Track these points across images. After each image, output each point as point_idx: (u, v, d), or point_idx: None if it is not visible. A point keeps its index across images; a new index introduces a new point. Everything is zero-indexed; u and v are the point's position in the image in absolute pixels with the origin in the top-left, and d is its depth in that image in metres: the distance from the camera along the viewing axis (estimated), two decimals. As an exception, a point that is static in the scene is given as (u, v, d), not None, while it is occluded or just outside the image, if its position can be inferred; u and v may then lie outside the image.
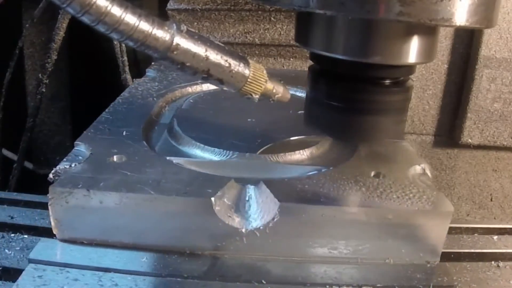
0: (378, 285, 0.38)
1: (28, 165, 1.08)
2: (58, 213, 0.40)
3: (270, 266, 0.40)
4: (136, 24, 0.36)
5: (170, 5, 0.81)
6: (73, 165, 0.44)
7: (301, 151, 0.50)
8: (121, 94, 0.64)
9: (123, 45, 0.91)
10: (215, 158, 0.49)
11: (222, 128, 0.56)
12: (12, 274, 0.42)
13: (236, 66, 0.42)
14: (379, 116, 0.52)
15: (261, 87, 0.44)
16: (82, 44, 1.01)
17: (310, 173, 0.47)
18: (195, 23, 0.81)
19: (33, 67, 1.05)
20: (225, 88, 0.43)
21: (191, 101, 0.63)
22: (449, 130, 0.89)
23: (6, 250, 0.46)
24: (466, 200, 0.93)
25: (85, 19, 0.35)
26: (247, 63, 0.42)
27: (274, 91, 0.45)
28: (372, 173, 0.45)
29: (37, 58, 1.04)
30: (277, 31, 0.80)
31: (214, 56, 0.40)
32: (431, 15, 0.39)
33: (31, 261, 0.39)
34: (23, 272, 0.38)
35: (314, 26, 0.49)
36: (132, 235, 0.41)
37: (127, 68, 0.93)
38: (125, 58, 0.92)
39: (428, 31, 0.47)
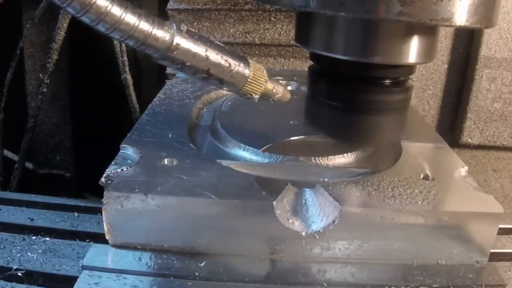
0: (435, 285, 0.38)
1: (28, 165, 1.08)
2: (112, 218, 0.40)
3: (329, 269, 0.40)
4: (136, 24, 0.36)
5: (170, 5, 0.81)
6: (124, 169, 0.43)
7: (347, 154, 0.50)
8: (157, 96, 0.63)
9: (123, 45, 0.91)
10: (264, 160, 0.49)
11: (266, 130, 0.55)
12: (35, 277, 0.42)
13: (236, 66, 0.42)
14: (379, 116, 0.52)
15: (261, 87, 0.44)
16: (82, 44, 1.01)
17: (361, 175, 0.46)
18: (195, 23, 0.81)
19: (33, 67, 1.05)
20: (225, 88, 0.43)
21: (229, 103, 0.62)
22: (449, 130, 0.89)
23: (29, 253, 0.45)
24: (466, 200, 0.93)
25: (85, 19, 0.35)
26: (247, 63, 0.42)
27: (274, 91, 0.45)
28: (421, 176, 0.45)
29: (37, 58, 1.04)
30: (277, 31, 0.80)
31: (214, 56, 0.40)
32: (431, 15, 0.39)
33: (84, 267, 0.38)
34: (78, 280, 0.37)
35: (314, 26, 0.49)
36: (188, 239, 0.40)
37: (127, 68, 0.93)
38: (125, 58, 0.92)
39: (428, 31, 0.47)
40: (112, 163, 0.45)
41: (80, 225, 0.51)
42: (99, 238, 0.47)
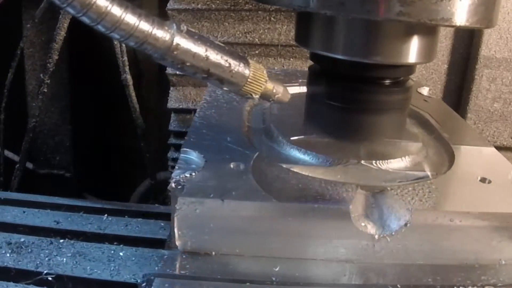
0: (499, 284, 0.39)
1: (28, 165, 1.08)
2: (184, 224, 0.39)
3: (400, 271, 0.40)
4: (136, 24, 0.36)
5: (170, 5, 0.81)
6: (192, 174, 0.42)
7: (405, 157, 0.50)
8: (203, 98, 0.63)
9: (123, 45, 0.91)
10: (325, 164, 0.48)
11: (321, 133, 0.54)
12: (66, 281, 0.41)
13: (236, 66, 0.42)
14: (379, 115, 0.52)
15: (261, 87, 0.44)
16: (82, 44, 1.01)
17: (422, 179, 0.47)
18: (195, 23, 0.81)
19: (34, 67, 1.05)
20: (225, 88, 0.43)
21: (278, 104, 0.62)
22: (449, 130, 0.89)
23: (58, 257, 0.45)
24: (466, 200, 0.93)
25: (85, 19, 0.35)
26: (247, 63, 0.42)
27: (274, 91, 0.45)
28: (478, 178, 0.46)
29: (37, 58, 1.04)
30: (277, 31, 0.80)
31: (214, 56, 0.40)
32: (431, 15, 0.39)
33: (157, 275, 0.37)
34: None
35: (314, 26, 0.49)
36: (262, 243, 0.40)
37: (127, 68, 0.93)
38: (126, 58, 0.92)
39: (428, 31, 0.47)
40: (176, 168, 0.44)
41: (108, 227, 0.50)
42: (128, 241, 0.48)
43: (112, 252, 0.46)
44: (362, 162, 0.48)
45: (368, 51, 0.46)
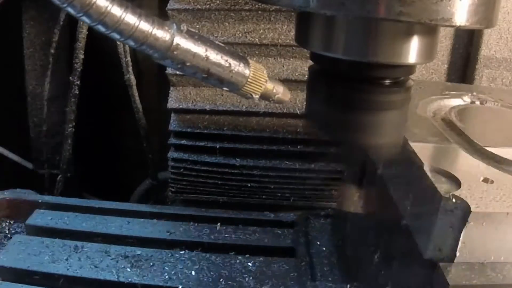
0: None
1: (28, 165, 1.08)
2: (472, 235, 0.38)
3: None
4: (136, 24, 0.36)
5: (170, 5, 0.81)
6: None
7: None
8: None
9: (127, 45, 0.91)
10: None
11: None
12: None
13: (236, 66, 0.42)
14: (378, 116, 0.52)
15: (261, 87, 0.44)
16: (83, 43, 1.01)
17: None
18: (195, 23, 0.81)
19: (34, 67, 1.05)
20: (225, 88, 0.43)
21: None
22: (449, 130, 0.89)
23: (185, 270, 0.41)
24: (466, 200, 0.93)
25: (85, 19, 0.35)
26: (247, 63, 0.43)
27: (274, 91, 0.45)
28: None
29: (37, 58, 1.04)
30: (277, 31, 0.80)
31: (214, 56, 0.40)
32: (431, 15, 0.39)
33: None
34: None
35: (314, 26, 0.49)
36: None
37: (130, 68, 0.93)
38: (129, 58, 0.92)
39: (428, 31, 0.47)
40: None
41: (221, 237, 0.48)
42: (260, 251, 0.45)
43: (241, 263, 0.43)
44: None
45: (368, 51, 0.46)
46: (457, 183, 0.40)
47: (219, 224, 0.51)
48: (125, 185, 1.13)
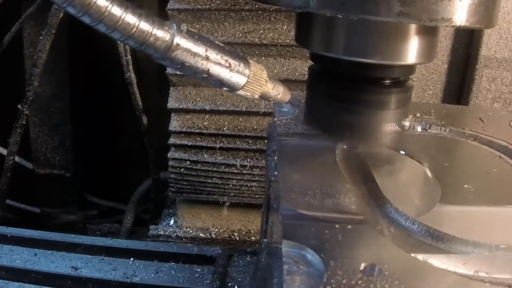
0: None
1: (28, 165, 1.08)
2: None
3: None
4: (136, 24, 0.36)
5: (170, 5, 0.81)
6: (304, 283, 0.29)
7: None
8: (271, 147, 0.47)
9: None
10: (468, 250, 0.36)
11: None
12: None
13: (236, 66, 0.42)
14: (379, 116, 0.52)
15: (261, 87, 0.44)
16: (82, 43, 1.01)
17: None
18: (195, 23, 0.81)
19: (33, 67, 1.05)
20: (225, 88, 0.43)
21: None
22: (449, 130, 0.89)
23: None
24: (466, 200, 0.93)
25: (85, 19, 0.35)
26: (247, 63, 0.43)
27: (274, 91, 0.45)
28: None
29: (37, 58, 1.04)
30: (277, 31, 0.80)
31: (214, 56, 0.40)
32: (431, 15, 0.39)
33: None
34: None
35: (314, 26, 0.49)
36: None
37: (131, 67, 0.93)
38: (129, 57, 0.92)
39: (428, 31, 0.47)
40: (284, 272, 0.30)
41: (130, 274, 0.42)
42: None
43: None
44: None
45: (368, 51, 0.46)
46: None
47: (132, 259, 0.45)
48: (126, 185, 1.13)
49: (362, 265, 0.30)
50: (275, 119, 0.40)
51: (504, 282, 0.32)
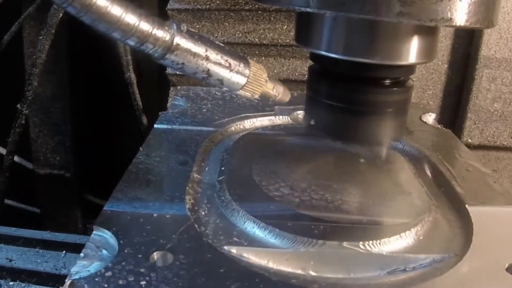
0: None
1: (28, 165, 1.08)
2: None
3: None
4: (136, 24, 0.36)
5: (170, 5, 0.81)
6: (96, 269, 0.31)
7: (406, 232, 0.37)
8: (151, 133, 0.54)
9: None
10: (293, 246, 0.36)
11: (293, 196, 0.42)
12: None
13: (236, 66, 0.42)
14: (379, 116, 0.52)
15: (261, 87, 0.44)
16: (82, 43, 1.01)
17: (428, 265, 0.35)
18: (195, 23, 0.81)
19: (33, 67, 1.05)
20: (225, 88, 0.43)
21: (241, 148, 0.50)
22: (449, 130, 0.89)
23: None
24: (466, 200, 0.93)
25: (86, 19, 0.35)
26: (247, 63, 0.42)
27: (274, 91, 0.45)
28: (506, 265, 0.34)
29: (37, 58, 1.04)
30: (277, 31, 0.80)
31: (214, 56, 0.40)
32: (431, 15, 0.39)
33: None
34: None
35: (314, 26, 0.49)
36: None
37: (131, 67, 0.93)
38: (129, 57, 0.93)
39: (428, 31, 0.47)
40: (81, 255, 0.32)
41: (64, 267, 0.43)
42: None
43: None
44: (345, 244, 0.36)
45: (368, 51, 0.46)
46: None
47: (64, 252, 0.45)
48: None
49: (155, 254, 0.32)
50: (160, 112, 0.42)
51: (338, 284, 0.32)
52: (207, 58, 0.40)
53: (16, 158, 0.97)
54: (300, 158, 0.49)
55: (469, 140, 0.86)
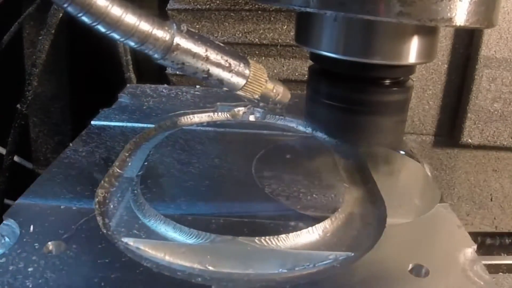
0: None
1: (28, 165, 1.08)
2: None
3: None
4: (136, 24, 0.36)
5: (170, 5, 0.81)
6: None
7: (310, 228, 0.36)
8: (85, 129, 0.55)
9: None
10: (190, 240, 0.36)
11: (204, 192, 0.42)
12: None
13: (236, 66, 0.42)
14: (379, 116, 0.52)
15: (261, 87, 0.44)
16: (83, 43, 1.01)
17: (323, 263, 0.34)
18: (195, 23, 0.81)
19: (33, 67, 1.05)
20: (225, 88, 0.43)
21: (169, 144, 0.50)
22: (449, 130, 0.88)
23: None
24: (466, 200, 0.93)
25: (86, 19, 0.35)
26: (247, 63, 0.43)
27: (274, 91, 0.45)
28: (410, 267, 0.33)
29: (37, 58, 1.04)
30: (277, 31, 0.80)
31: (214, 56, 0.40)
32: (431, 15, 0.39)
33: None
34: None
35: (314, 26, 0.49)
36: None
37: (131, 67, 0.93)
38: (129, 57, 0.93)
39: (428, 31, 0.47)
40: None
41: None
42: None
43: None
44: (240, 239, 0.35)
45: (368, 51, 0.46)
46: None
47: None
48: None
49: (50, 243, 0.34)
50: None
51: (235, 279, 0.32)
52: (207, 58, 0.40)
53: (16, 158, 0.97)
54: (218, 152, 0.50)
55: (469, 140, 0.86)
